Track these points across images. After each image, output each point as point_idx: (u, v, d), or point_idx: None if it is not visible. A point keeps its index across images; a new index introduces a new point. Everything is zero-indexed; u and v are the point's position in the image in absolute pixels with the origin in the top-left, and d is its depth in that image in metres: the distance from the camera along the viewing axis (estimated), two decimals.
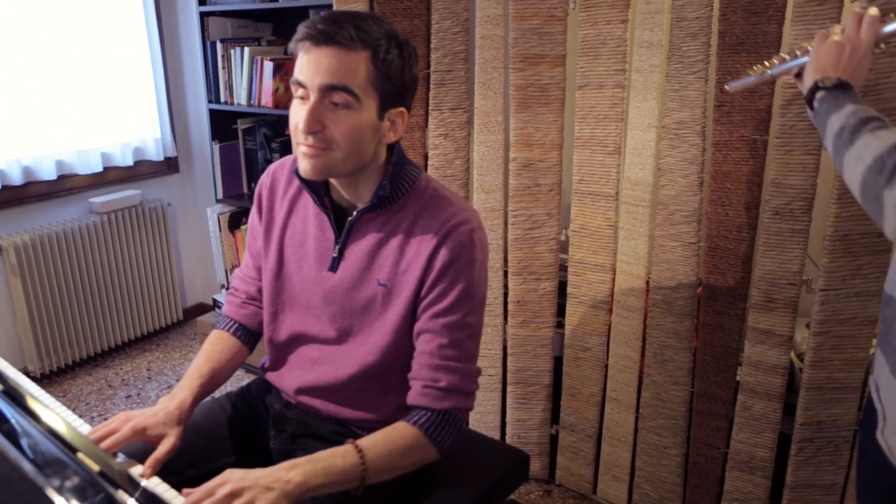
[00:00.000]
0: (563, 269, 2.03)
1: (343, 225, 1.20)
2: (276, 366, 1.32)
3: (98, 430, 1.08)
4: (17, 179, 2.60)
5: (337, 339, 1.22)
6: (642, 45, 1.75)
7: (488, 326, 2.12)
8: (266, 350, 1.34)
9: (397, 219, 1.17)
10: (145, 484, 0.99)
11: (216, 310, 3.14)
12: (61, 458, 0.97)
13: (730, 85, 1.44)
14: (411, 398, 1.15)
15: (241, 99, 2.76)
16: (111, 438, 1.07)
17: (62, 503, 0.86)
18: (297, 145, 1.10)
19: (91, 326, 2.93)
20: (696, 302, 1.82)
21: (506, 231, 2.05)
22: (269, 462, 1.15)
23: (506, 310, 2.10)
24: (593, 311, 1.98)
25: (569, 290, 2.01)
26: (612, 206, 1.88)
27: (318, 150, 1.08)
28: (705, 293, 1.80)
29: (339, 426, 1.25)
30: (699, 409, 1.88)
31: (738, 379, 1.80)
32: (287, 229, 1.27)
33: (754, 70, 1.34)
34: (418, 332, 1.16)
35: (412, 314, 1.16)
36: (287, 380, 1.29)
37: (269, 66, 2.62)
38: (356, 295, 1.19)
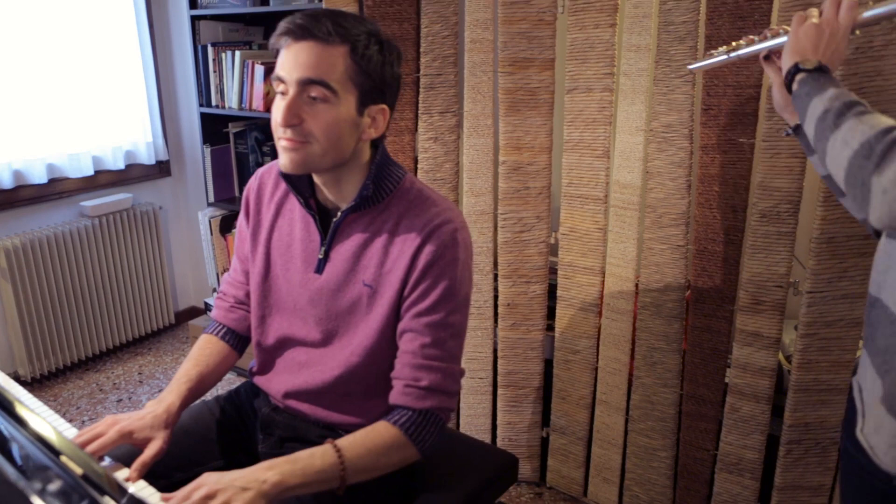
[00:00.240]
0: (553, 272, 2.04)
1: (329, 226, 1.21)
2: (264, 370, 1.32)
3: (84, 433, 1.09)
4: (7, 183, 2.60)
5: (323, 341, 1.23)
6: (630, 49, 1.76)
7: (478, 329, 2.12)
8: (254, 354, 1.34)
9: (382, 219, 1.18)
10: (133, 490, 0.99)
11: (208, 313, 3.14)
12: (46, 462, 0.97)
13: (692, 64, 1.37)
14: (393, 397, 1.15)
15: (232, 102, 2.76)
16: (97, 442, 1.07)
17: None
18: (278, 140, 1.11)
19: (82, 330, 2.92)
20: (684, 304, 1.83)
21: (495, 234, 2.06)
22: None
23: (496, 313, 2.11)
24: (583, 313, 1.99)
25: (558, 292, 2.02)
26: (601, 210, 1.89)
27: (296, 144, 1.09)
28: (694, 296, 1.81)
29: (326, 430, 1.25)
30: (688, 412, 1.89)
31: (726, 381, 1.81)
32: (274, 232, 1.27)
33: (718, 51, 1.28)
34: (401, 331, 1.16)
35: (396, 314, 1.17)
36: (275, 384, 1.29)
37: (259, 69, 2.62)
38: (342, 296, 1.19)
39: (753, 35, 1.21)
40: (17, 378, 2.75)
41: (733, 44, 1.24)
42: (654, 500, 1.99)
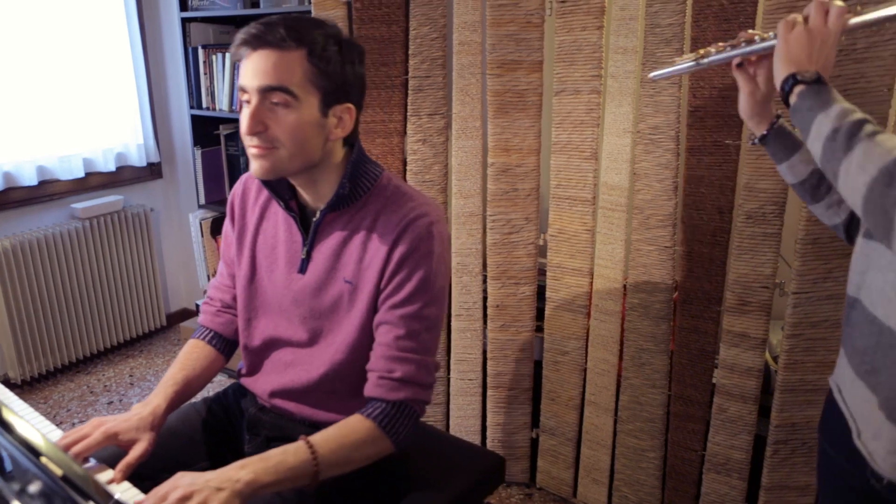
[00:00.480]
0: (542, 274, 2.05)
1: (310, 227, 1.22)
2: (252, 371, 1.33)
3: (70, 435, 1.09)
4: None
5: (308, 340, 1.23)
6: (617, 51, 1.77)
7: (468, 331, 2.13)
8: (242, 356, 1.35)
9: (360, 216, 1.19)
10: (118, 496, 0.99)
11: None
12: (28, 465, 0.97)
13: (653, 73, 1.28)
14: (367, 390, 1.16)
15: (222, 105, 2.76)
16: (83, 443, 1.08)
17: None
18: (248, 148, 1.12)
19: (73, 332, 2.92)
20: (672, 305, 1.83)
21: (484, 236, 2.06)
22: None
23: (485, 314, 2.11)
24: (571, 314, 2.00)
25: (547, 294, 2.03)
26: (590, 211, 1.90)
27: (264, 150, 1.10)
28: (681, 296, 1.82)
29: (312, 429, 1.25)
30: (676, 412, 1.90)
31: (714, 381, 1.82)
32: (259, 235, 1.28)
33: (684, 58, 1.20)
34: (377, 324, 1.17)
35: (374, 309, 1.18)
36: (261, 383, 1.29)
37: None
38: (324, 294, 1.20)
39: (723, 42, 1.16)
40: (6, 380, 2.75)
41: (701, 51, 1.17)
42: (643, 500, 2.00)
